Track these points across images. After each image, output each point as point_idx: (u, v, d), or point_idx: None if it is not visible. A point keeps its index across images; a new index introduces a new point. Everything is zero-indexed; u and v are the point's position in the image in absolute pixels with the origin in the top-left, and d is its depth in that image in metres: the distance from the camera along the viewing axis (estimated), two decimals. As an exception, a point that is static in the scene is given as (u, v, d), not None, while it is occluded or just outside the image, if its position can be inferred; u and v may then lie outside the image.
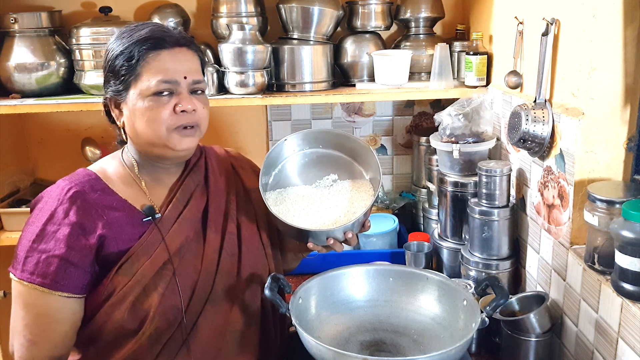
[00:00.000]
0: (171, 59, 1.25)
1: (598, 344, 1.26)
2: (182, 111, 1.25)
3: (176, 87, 1.25)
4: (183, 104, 1.24)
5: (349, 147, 1.46)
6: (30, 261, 1.20)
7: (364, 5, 2.15)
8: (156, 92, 1.23)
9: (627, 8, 1.26)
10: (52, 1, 2.27)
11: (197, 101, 1.27)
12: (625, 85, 1.30)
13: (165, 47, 1.25)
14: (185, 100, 1.25)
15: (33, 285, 1.20)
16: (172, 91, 1.25)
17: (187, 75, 1.26)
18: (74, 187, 1.25)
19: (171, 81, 1.24)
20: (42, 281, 1.19)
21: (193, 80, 1.27)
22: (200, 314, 1.28)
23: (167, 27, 1.30)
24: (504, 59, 1.87)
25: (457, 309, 1.33)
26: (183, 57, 1.27)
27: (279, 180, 1.46)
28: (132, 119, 1.27)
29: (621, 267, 1.15)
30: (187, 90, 1.26)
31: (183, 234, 1.31)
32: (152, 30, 1.26)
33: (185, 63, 1.27)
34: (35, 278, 1.19)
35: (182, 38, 1.29)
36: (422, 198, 2.32)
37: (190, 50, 1.29)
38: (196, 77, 1.28)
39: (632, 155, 1.32)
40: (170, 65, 1.24)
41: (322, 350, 1.17)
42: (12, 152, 2.35)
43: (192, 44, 1.31)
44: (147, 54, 1.23)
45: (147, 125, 1.25)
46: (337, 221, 1.35)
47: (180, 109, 1.24)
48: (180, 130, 1.26)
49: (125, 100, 1.27)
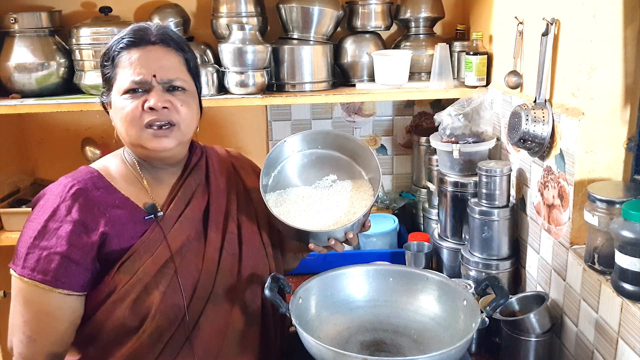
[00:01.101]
0: (143, 57, 1.25)
1: (598, 344, 1.26)
2: (151, 108, 1.22)
3: (147, 85, 1.24)
4: (151, 101, 1.22)
5: (348, 148, 1.46)
6: (31, 258, 1.20)
7: (364, 5, 2.15)
8: (128, 90, 1.23)
9: (627, 8, 1.26)
10: (52, 1, 2.27)
11: (174, 98, 1.25)
12: (625, 85, 1.30)
13: (139, 45, 1.25)
14: (154, 97, 1.23)
15: (34, 282, 1.19)
16: (146, 90, 1.24)
17: (156, 73, 1.24)
18: (76, 185, 1.25)
19: (140, 81, 1.23)
20: (43, 278, 1.19)
21: (162, 79, 1.24)
22: (201, 314, 1.28)
23: (147, 26, 1.29)
24: (504, 59, 1.87)
25: (457, 309, 1.33)
26: (155, 55, 1.26)
27: (278, 181, 1.46)
28: (115, 119, 1.28)
29: (621, 267, 1.15)
30: (162, 88, 1.25)
31: (184, 232, 1.31)
32: (131, 30, 1.27)
33: (157, 61, 1.25)
34: (36, 275, 1.19)
35: (159, 35, 1.27)
36: (422, 198, 2.32)
37: (166, 47, 1.27)
38: (169, 76, 1.25)
39: (632, 155, 1.32)
40: (140, 64, 1.24)
41: (322, 350, 1.17)
42: (12, 152, 2.35)
43: (170, 41, 1.28)
44: (120, 54, 1.25)
45: (122, 124, 1.26)
46: (337, 222, 1.35)
47: (148, 105, 1.22)
48: (154, 130, 1.24)
49: (110, 100, 1.29)
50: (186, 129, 1.29)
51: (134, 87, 1.23)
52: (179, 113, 1.26)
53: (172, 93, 1.26)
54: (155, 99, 1.23)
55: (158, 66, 1.25)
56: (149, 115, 1.23)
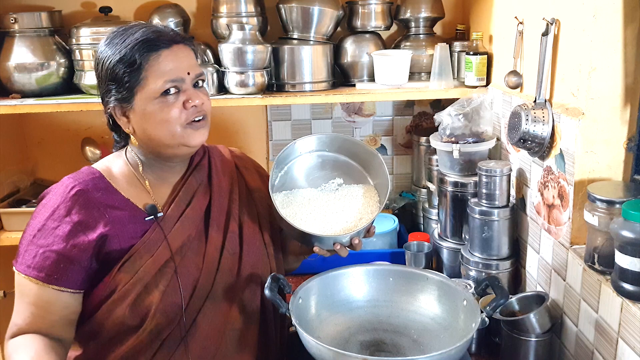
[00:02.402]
0: (172, 57, 1.26)
1: (598, 344, 1.26)
2: (193, 106, 1.27)
3: (181, 84, 1.26)
4: (193, 99, 1.27)
5: (356, 152, 1.47)
6: (28, 254, 1.23)
7: (364, 5, 2.15)
8: (163, 92, 1.24)
9: (627, 8, 1.26)
10: (52, 1, 2.27)
11: (201, 94, 1.30)
12: (625, 85, 1.30)
13: (164, 46, 1.25)
14: (193, 95, 1.27)
15: (29, 278, 1.22)
16: (179, 89, 1.26)
17: (190, 70, 1.28)
18: (77, 186, 1.27)
19: (177, 79, 1.25)
20: (38, 274, 1.22)
21: (196, 75, 1.29)
22: (199, 311, 1.29)
23: (157, 26, 1.30)
24: (504, 59, 1.87)
25: (457, 309, 1.33)
26: (182, 54, 1.28)
27: (284, 182, 1.46)
28: (142, 124, 1.27)
29: (621, 267, 1.15)
30: (191, 85, 1.29)
31: (185, 232, 1.31)
32: (145, 32, 1.25)
33: (185, 59, 1.28)
34: (31, 271, 1.22)
35: (176, 35, 1.30)
36: (422, 198, 2.32)
37: (186, 45, 1.30)
38: (198, 71, 1.30)
39: (632, 155, 1.32)
40: (173, 64, 1.25)
41: (322, 350, 1.17)
42: (12, 152, 2.35)
43: (185, 39, 1.32)
44: (147, 57, 1.23)
45: (160, 127, 1.26)
46: (343, 226, 1.36)
47: (191, 104, 1.26)
48: (192, 125, 1.28)
49: (132, 106, 1.26)
50: (209, 120, 1.34)
51: (170, 87, 1.25)
52: (206, 106, 1.31)
53: (197, 88, 1.30)
54: (195, 96, 1.27)
55: (188, 64, 1.28)
56: (192, 113, 1.27)
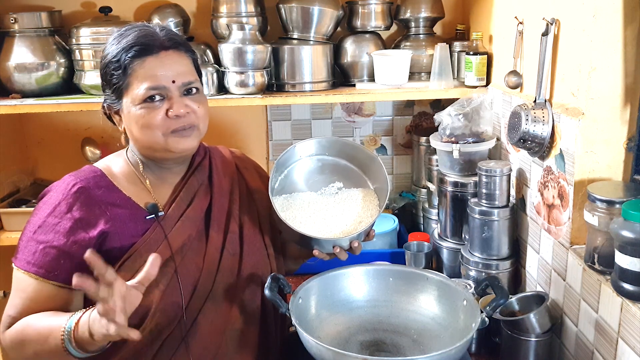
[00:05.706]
0: (158, 64, 1.24)
1: (598, 344, 1.26)
2: (176, 115, 1.24)
3: (166, 92, 1.25)
4: (175, 108, 1.24)
5: (356, 156, 1.47)
6: (28, 250, 1.23)
7: (364, 5, 2.15)
8: (147, 98, 1.23)
9: (627, 8, 1.26)
10: (52, 1, 2.27)
11: (191, 102, 1.27)
12: (625, 85, 1.30)
13: (151, 52, 1.24)
14: (177, 104, 1.24)
15: (28, 274, 1.22)
16: (164, 96, 1.25)
17: (175, 79, 1.25)
18: (79, 183, 1.27)
19: (159, 87, 1.23)
20: (37, 270, 1.22)
21: (182, 83, 1.26)
22: (200, 312, 1.29)
23: (153, 30, 1.28)
24: (504, 59, 1.87)
25: (457, 309, 1.33)
26: (170, 61, 1.26)
27: (284, 185, 1.46)
28: (128, 125, 1.29)
29: (621, 267, 1.15)
30: (179, 92, 1.26)
31: (186, 232, 1.31)
32: (137, 36, 1.25)
33: (172, 66, 1.25)
34: (31, 267, 1.22)
35: (168, 40, 1.27)
36: (422, 198, 2.32)
37: (177, 51, 1.28)
38: (186, 79, 1.27)
39: (632, 155, 1.32)
40: (156, 72, 1.23)
41: (322, 350, 1.17)
42: (12, 152, 2.35)
43: (180, 45, 1.29)
44: (132, 62, 1.23)
45: (143, 132, 1.26)
46: (343, 230, 1.36)
47: (173, 113, 1.24)
48: (177, 133, 1.26)
49: (120, 107, 1.28)
50: (204, 127, 1.32)
51: (152, 94, 1.23)
52: (197, 114, 1.28)
53: (188, 96, 1.28)
54: (178, 106, 1.25)
55: (175, 72, 1.25)
56: (174, 123, 1.25)
